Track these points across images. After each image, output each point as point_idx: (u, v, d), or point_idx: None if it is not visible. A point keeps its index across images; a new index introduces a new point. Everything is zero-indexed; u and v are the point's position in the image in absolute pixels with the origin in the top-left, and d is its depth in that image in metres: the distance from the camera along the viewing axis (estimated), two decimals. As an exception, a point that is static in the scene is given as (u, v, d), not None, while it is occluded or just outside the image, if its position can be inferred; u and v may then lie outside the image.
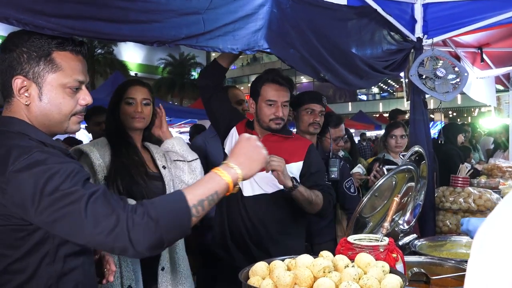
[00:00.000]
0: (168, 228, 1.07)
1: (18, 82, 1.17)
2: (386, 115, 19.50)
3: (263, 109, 2.16)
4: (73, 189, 1.05)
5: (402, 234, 2.20)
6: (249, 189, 2.17)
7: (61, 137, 8.76)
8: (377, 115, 19.12)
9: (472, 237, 1.33)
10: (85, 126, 3.87)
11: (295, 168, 2.19)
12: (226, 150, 2.29)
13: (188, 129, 11.46)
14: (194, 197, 1.11)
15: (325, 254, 1.38)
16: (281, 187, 2.05)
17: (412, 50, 2.86)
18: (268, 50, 1.74)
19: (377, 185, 1.88)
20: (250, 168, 1.23)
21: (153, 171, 2.08)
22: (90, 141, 2.12)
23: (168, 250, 2.05)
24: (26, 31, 1.22)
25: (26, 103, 1.19)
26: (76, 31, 1.24)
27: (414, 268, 1.74)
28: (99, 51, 25.37)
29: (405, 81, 3.50)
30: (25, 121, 1.20)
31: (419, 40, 2.85)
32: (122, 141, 2.03)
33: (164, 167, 2.12)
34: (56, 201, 1.04)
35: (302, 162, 2.19)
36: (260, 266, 1.32)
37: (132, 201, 1.84)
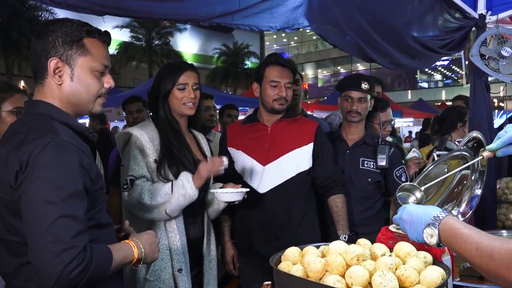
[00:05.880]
0: (87, 282, 1.15)
1: (53, 63, 1.27)
2: (449, 103, 18.30)
3: (267, 90, 2.23)
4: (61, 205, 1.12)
5: (455, 227, 2.04)
6: (264, 186, 2.21)
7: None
8: (439, 103, 18.00)
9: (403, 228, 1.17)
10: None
11: (306, 151, 2.25)
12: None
13: (241, 117, 11.59)
14: (115, 263, 1.23)
15: (363, 242, 1.30)
16: (290, 175, 2.21)
17: (474, 28, 2.62)
18: (309, 28, 1.65)
19: (424, 172, 1.74)
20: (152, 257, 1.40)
21: (199, 159, 2.09)
22: (138, 124, 2.14)
23: (206, 236, 2.09)
24: (58, 20, 1.32)
25: (59, 83, 1.29)
26: (107, 9, 1.26)
27: (467, 263, 1.61)
28: (157, 42, 26.36)
29: (464, 63, 3.24)
30: (50, 103, 1.30)
31: (482, 17, 2.60)
32: (170, 128, 2.02)
33: (209, 155, 2.15)
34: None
35: (312, 144, 2.26)
36: (292, 252, 1.28)
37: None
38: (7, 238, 1.23)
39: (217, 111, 4.28)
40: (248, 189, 2.00)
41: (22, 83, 16.50)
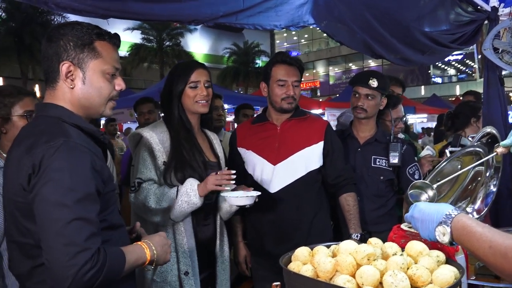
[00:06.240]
0: (100, 284, 1.15)
1: (65, 67, 1.27)
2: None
3: (274, 89, 2.22)
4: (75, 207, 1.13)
5: (470, 224, 2.00)
6: (274, 186, 2.19)
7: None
8: (453, 99, 17.71)
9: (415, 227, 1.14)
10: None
11: (317, 149, 2.23)
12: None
13: (251, 116, 11.56)
14: (128, 265, 1.23)
15: (374, 241, 1.28)
16: (300, 174, 2.19)
17: (486, 21, 2.57)
18: (314, 26, 1.64)
19: (437, 169, 1.71)
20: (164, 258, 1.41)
21: (211, 160, 2.07)
22: (149, 125, 2.13)
23: (219, 237, 2.08)
24: (69, 23, 1.31)
25: (71, 86, 1.29)
26: (112, 12, 1.26)
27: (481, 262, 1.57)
28: (167, 43, 26.54)
29: (477, 57, 3.17)
30: (60, 105, 1.30)
31: (494, 9, 2.55)
32: (182, 129, 2.01)
33: (222, 156, 2.13)
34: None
35: (322, 143, 2.25)
36: (301, 251, 1.27)
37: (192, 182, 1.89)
38: (20, 240, 1.24)
39: (226, 110, 4.28)
40: (259, 193, 1.98)
41: (36, 87, 16.79)
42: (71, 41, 1.27)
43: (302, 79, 2.33)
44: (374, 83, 2.35)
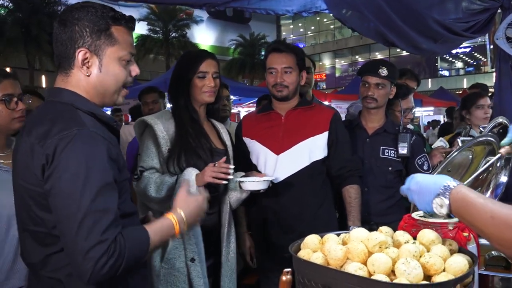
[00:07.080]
0: (125, 270, 1.14)
1: (81, 54, 1.23)
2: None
3: (267, 78, 2.24)
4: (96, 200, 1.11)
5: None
6: (278, 175, 2.16)
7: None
8: (460, 92, 17.57)
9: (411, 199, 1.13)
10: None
11: (321, 140, 2.20)
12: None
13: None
14: (153, 244, 1.22)
15: (385, 229, 1.27)
16: (304, 164, 2.15)
17: (499, 10, 2.52)
18: (326, 12, 1.61)
19: (448, 159, 1.69)
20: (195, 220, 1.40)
21: (218, 147, 2.07)
22: (156, 113, 2.13)
23: (227, 227, 2.07)
24: (82, 6, 1.26)
25: (87, 74, 1.25)
26: (123, -6, 1.23)
27: (493, 252, 1.56)
28: (173, 34, 26.48)
29: (489, 47, 3.12)
30: (75, 92, 1.26)
31: (508, -2, 2.50)
32: (187, 116, 2.01)
33: (230, 144, 2.13)
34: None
35: (327, 133, 2.21)
36: (311, 239, 1.25)
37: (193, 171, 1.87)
38: (33, 229, 1.22)
39: (231, 100, 4.26)
40: (273, 177, 1.97)
41: (43, 78, 16.83)
42: (87, 26, 1.22)
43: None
44: (383, 71, 2.32)
